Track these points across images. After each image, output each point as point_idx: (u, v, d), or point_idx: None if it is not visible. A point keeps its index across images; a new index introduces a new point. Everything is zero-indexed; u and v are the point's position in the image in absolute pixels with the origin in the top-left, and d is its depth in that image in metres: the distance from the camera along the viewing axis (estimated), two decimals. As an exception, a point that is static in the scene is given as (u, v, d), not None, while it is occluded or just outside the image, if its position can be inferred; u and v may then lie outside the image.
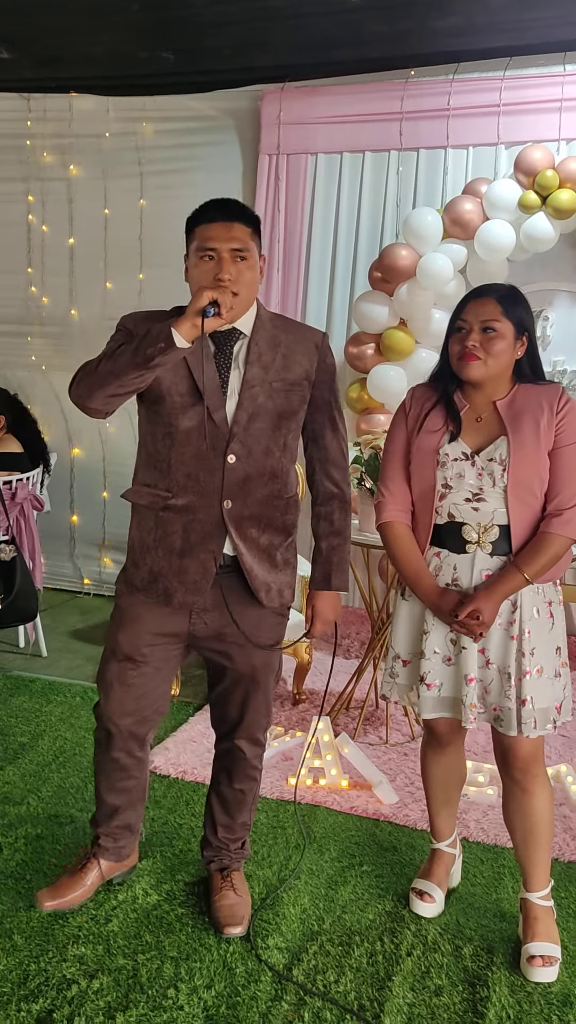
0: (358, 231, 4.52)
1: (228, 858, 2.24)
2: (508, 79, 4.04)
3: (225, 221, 1.87)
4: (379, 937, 2.14)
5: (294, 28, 3.77)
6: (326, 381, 2.03)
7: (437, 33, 3.75)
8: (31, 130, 5.01)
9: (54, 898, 2.16)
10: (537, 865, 2.08)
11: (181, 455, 1.93)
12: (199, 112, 4.72)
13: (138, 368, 1.78)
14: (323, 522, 2.09)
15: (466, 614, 1.91)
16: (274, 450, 1.96)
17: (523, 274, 4.23)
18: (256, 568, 1.98)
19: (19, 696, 3.55)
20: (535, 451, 1.91)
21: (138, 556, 2.03)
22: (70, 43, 4.05)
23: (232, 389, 1.93)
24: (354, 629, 4.54)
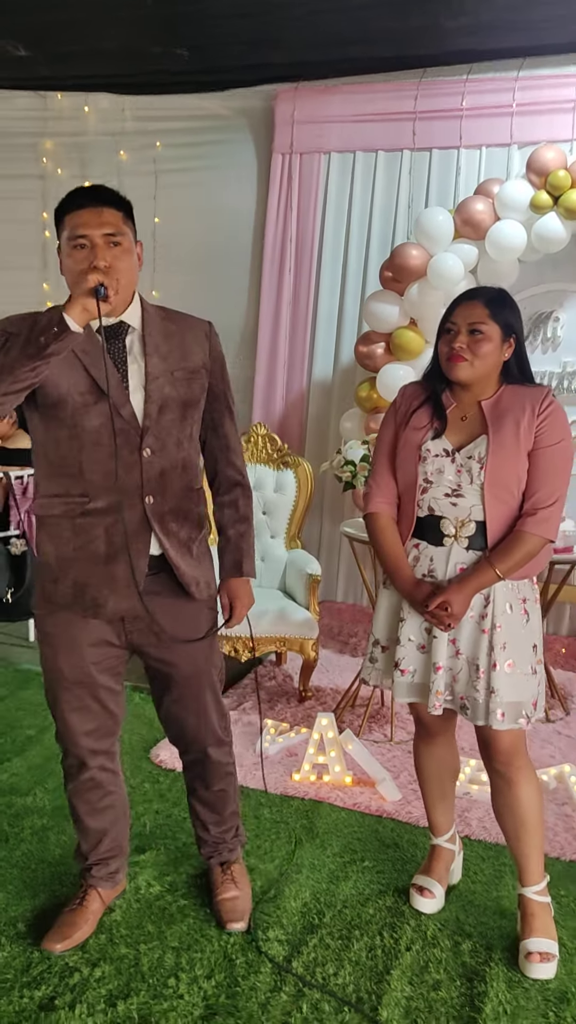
0: (370, 230, 4.54)
1: (226, 850, 2.23)
2: (521, 79, 4.05)
3: (95, 207, 1.79)
4: (379, 931, 2.16)
5: (307, 25, 3.80)
6: (219, 370, 2.01)
7: (449, 31, 3.77)
8: (47, 128, 5.05)
9: (63, 938, 2.04)
10: (530, 858, 2.09)
11: (92, 456, 1.84)
12: (212, 111, 4.74)
13: (32, 359, 1.68)
14: (228, 510, 2.07)
15: (436, 605, 1.97)
16: (183, 441, 1.93)
17: (534, 275, 4.24)
18: (181, 563, 1.94)
19: (27, 689, 3.58)
20: (514, 451, 1.95)
21: (57, 571, 1.91)
22: (84, 39, 4.08)
23: (135, 383, 1.87)
24: (361, 627, 4.55)
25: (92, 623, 1.93)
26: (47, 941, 2.04)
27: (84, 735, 2.02)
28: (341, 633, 4.50)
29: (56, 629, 1.95)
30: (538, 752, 3.20)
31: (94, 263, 1.76)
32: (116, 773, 2.13)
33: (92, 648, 1.95)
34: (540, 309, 4.32)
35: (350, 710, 3.49)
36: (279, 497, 3.93)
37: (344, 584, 4.95)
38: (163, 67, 4.34)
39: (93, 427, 1.84)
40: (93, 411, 1.84)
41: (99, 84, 4.80)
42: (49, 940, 2.04)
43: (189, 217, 4.81)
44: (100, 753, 2.06)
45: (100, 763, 2.07)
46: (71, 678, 1.97)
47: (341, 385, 4.71)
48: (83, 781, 2.07)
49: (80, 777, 2.07)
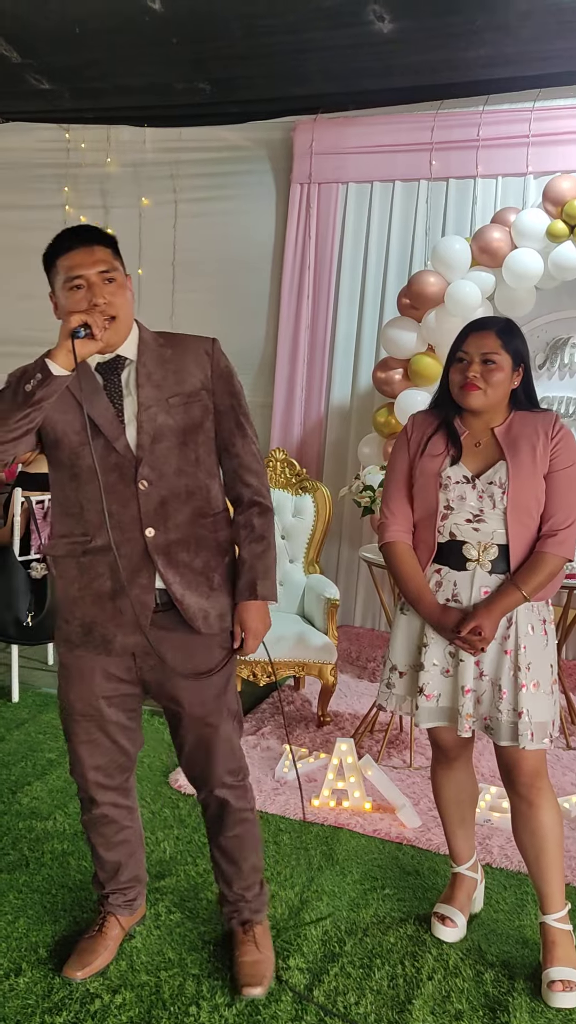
0: (387, 258, 4.59)
1: (248, 909, 2.11)
2: (537, 110, 4.11)
3: (86, 246, 1.81)
4: (400, 960, 2.15)
5: (328, 59, 3.87)
6: (224, 386, 1.94)
7: (467, 64, 3.82)
8: (69, 159, 5.16)
9: (82, 966, 2.03)
10: (551, 884, 2.08)
11: (90, 493, 1.84)
12: (233, 142, 4.84)
13: (21, 408, 1.70)
14: (243, 530, 1.97)
15: (468, 630, 1.99)
16: (186, 467, 1.88)
17: (550, 302, 4.27)
18: (188, 596, 1.89)
19: (47, 712, 3.60)
20: (532, 475, 2.00)
21: (67, 611, 1.93)
22: (110, 75, 4.18)
23: (128, 415, 1.86)
24: (379, 652, 4.55)
25: (104, 659, 1.93)
26: (67, 968, 2.03)
27: (93, 769, 2.01)
28: (360, 658, 4.49)
29: (70, 662, 1.97)
30: (559, 779, 3.18)
31: (93, 301, 1.78)
32: (131, 809, 2.12)
33: (103, 683, 1.95)
34: (557, 335, 4.35)
35: (369, 735, 3.48)
36: (298, 522, 3.96)
37: (362, 609, 4.95)
38: (185, 101, 4.44)
39: (88, 465, 1.84)
40: (88, 449, 1.83)
41: (121, 117, 4.90)
42: (69, 968, 2.03)
43: (209, 245, 4.89)
44: (110, 789, 2.05)
45: (111, 799, 2.06)
46: (80, 711, 1.97)
47: (359, 410, 4.75)
48: (96, 816, 2.07)
49: (92, 812, 2.07)
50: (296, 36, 3.66)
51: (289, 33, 3.64)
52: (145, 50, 3.86)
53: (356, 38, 3.63)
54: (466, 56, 3.75)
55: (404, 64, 3.85)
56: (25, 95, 4.44)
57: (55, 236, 1.86)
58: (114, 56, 3.94)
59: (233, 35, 3.66)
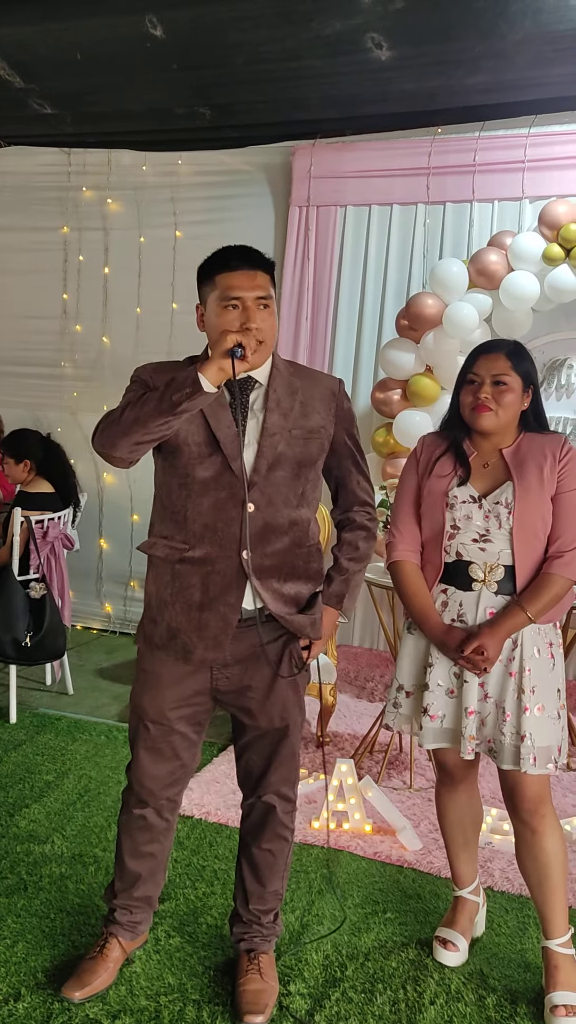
0: (385, 280, 4.63)
1: (259, 935, 2.10)
2: (532, 136, 4.16)
3: (249, 270, 1.85)
4: (402, 985, 2.13)
5: (327, 86, 3.92)
6: (346, 428, 2.02)
7: (465, 90, 3.87)
8: (71, 183, 5.20)
9: (81, 987, 2.02)
10: (554, 909, 2.07)
11: (198, 505, 1.89)
12: (232, 166, 4.88)
13: (164, 415, 1.75)
14: (347, 546, 2.05)
15: (471, 650, 1.99)
16: (292, 499, 1.92)
17: (547, 324, 4.31)
18: (286, 614, 1.94)
19: (45, 734, 3.59)
20: (539, 496, 2.02)
21: (156, 612, 1.98)
22: (112, 100, 4.23)
23: (250, 437, 1.90)
24: (378, 672, 4.54)
25: (182, 668, 1.96)
26: (66, 988, 2.02)
27: (151, 777, 2.04)
28: (359, 678, 4.48)
29: (149, 666, 2.00)
30: (559, 801, 3.17)
31: (247, 325, 1.81)
32: (169, 825, 2.12)
33: (177, 695, 1.98)
34: (555, 356, 4.38)
35: (368, 756, 3.47)
36: (297, 542, 3.96)
37: (361, 629, 4.94)
38: (185, 125, 4.49)
39: (203, 478, 1.88)
40: (206, 462, 1.88)
41: (122, 141, 4.95)
42: (68, 988, 2.02)
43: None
44: (161, 799, 2.06)
45: (158, 807, 2.07)
46: (151, 717, 2.00)
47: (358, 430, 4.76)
48: (136, 817, 2.08)
49: (134, 812, 2.08)
50: (296, 63, 3.71)
51: (289, 60, 3.69)
52: (146, 76, 3.90)
53: (355, 65, 3.68)
54: (464, 83, 3.80)
55: (402, 90, 3.90)
56: (27, 120, 4.48)
57: (218, 251, 1.90)
58: (115, 81, 3.98)
59: (234, 61, 3.71)
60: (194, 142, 4.78)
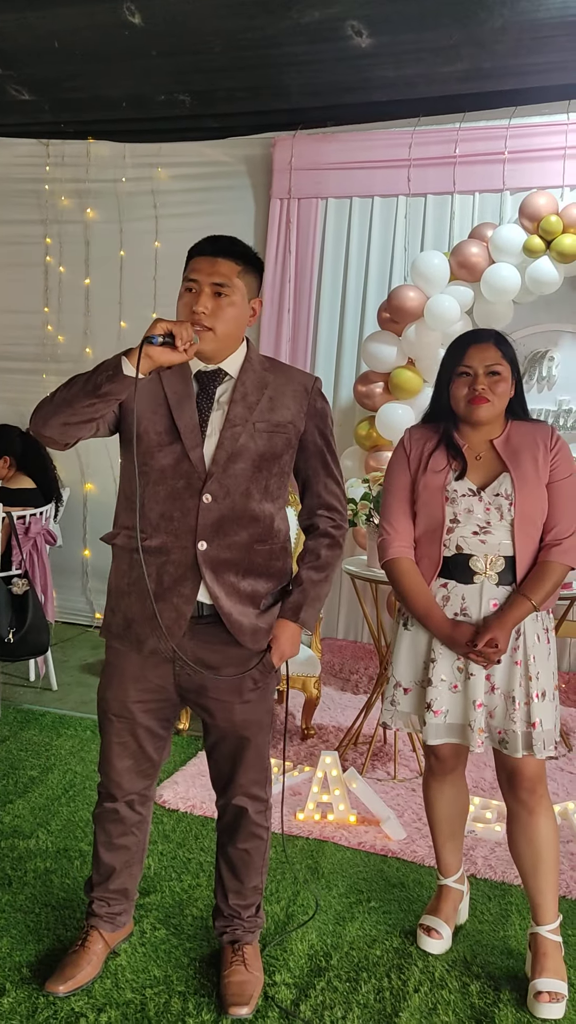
0: (367, 273, 4.63)
1: (241, 928, 2.10)
2: (513, 127, 4.16)
3: (211, 256, 1.85)
4: (386, 973, 2.14)
5: (307, 73, 3.92)
6: (317, 426, 1.97)
7: (444, 79, 3.88)
8: (49, 175, 5.16)
9: (64, 981, 2.01)
10: (546, 894, 2.09)
11: (155, 494, 1.88)
12: (213, 158, 4.86)
13: (89, 397, 1.74)
14: (309, 555, 2.00)
15: (485, 642, 1.99)
16: (254, 492, 1.89)
17: (528, 316, 4.32)
18: (235, 612, 1.90)
19: (29, 730, 3.57)
20: (536, 486, 2.04)
21: (114, 601, 1.98)
22: (90, 86, 4.20)
23: (213, 428, 1.88)
24: (362, 664, 4.56)
25: (143, 662, 1.95)
26: (50, 983, 2.02)
27: (117, 771, 2.04)
28: (343, 670, 4.50)
29: (112, 659, 2.01)
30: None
31: (194, 307, 1.82)
32: (142, 819, 2.11)
33: (137, 690, 1.97)
34: (536, 348, 4.39)
35: (353, 748, 3.48)
36: (280, 535, 3.96)
37: (345, 621, 4.95)
38: (165, 113, 4.46)
39: (161, 467, 1.88)
40: (165, 451, 1.87)
41: (101, 132, 4.92)
42: (52, 982, 2.02)
43: (189, 260, 4.90)
44: (130, 792, 2.06)
45: (128, 800, 2.06)
46: (115, 711, 2.00)
47: (341, 424, 4.76)
48: (108, 810, 2.08)
49: (105, 805, 2.08)
50: (276, 50, 3.70)
51: (269, 47, 3.68)
52: (124, 62, 3.89)
53: (335, 53, 3.68)
54: (443, 71, 3.81)
55: (382, 78, 3.90)
56: (5, 107, 4.45)
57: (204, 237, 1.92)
58: (93, 68, 3.96)
59: (212, 49, 3.70)
60: (174, 132, 4.76)
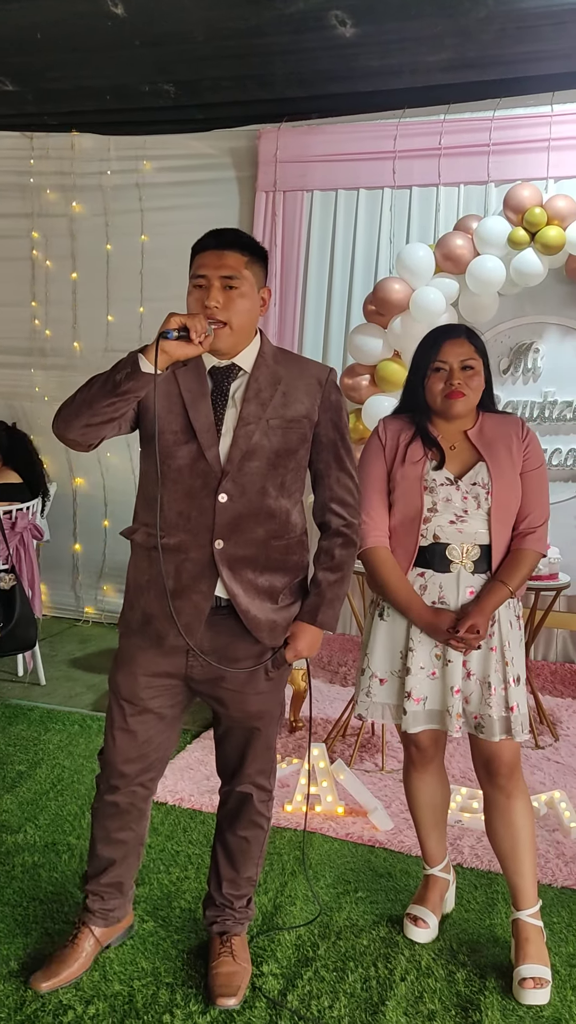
0: (353, 265, 4.63)
1: (231, 919, 2.11)
2: (497, 119, 4.17)
3: (217, 249, 1.85)
4: (373, 962, 2.16)
5: (292, 63, 3.90)
6: (331, 419, 1.96)
7: (428, 68, 3.88)
8: (34, 168, 5.13)
9: (48, 978, 2.01)
10: (525, 877, 2.11)
11: (172, 493, 1.88)
12: (198, 150, 4.84)
13: (108, 396, 1.75)
14: (323, 556, 1.99)
15: (466, 628, 2.03)
16: (270, 489, 1.90)
17: (513, 308, 4.33)
18: (253, 608, 1.90)
19: (17, 724, 3.57)
20: (511, 475, 2.09)
21: (133, 597, 1.99)
22: (74, 76, 4.17)
23: (227, 427, 1.88)
24: (351, 657, 4.57)
25: (155, 652, 1.96)
26: (33, 979, 2.01)
27: (124, 759, 2.02)
28: (331, 663, 4.51)
29: (125, 648, 2.01)
30: (528, 779, 3.21)
31: (205, 303, 1.82)
32: (142, 813, 2.10)
33: (148, 677, 1.97)
34: (520, 341, 4.41)
35: (341, 740, 3.49)
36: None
37: (333, 614, 4.96)
38: (149, 104, 4.44)
39: (178, 466, 1.88)
40: (182, 450, 1.88)
41: (86, 124, 4.89)
42: (35, 979, 2.01)
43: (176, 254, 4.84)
44: (134, 783, 2.04)
45: (130, 791, 2.05)
46: (123, 694, 1.99)
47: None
48: (108, 804, 2.06)
49: (105, 799, 2.06)
50: (260, 40, 3.69)
51: (252, 37, 3.66)
52: (108, 52, 3.86)
53: (319, 42, 3.67)
54: (427, 60, 3.80)
55: (366, 67, 3.89)
56: (-12, 100, 4.42)
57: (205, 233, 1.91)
58: (77, 58, 3.94)
59: (196, 38, 3.68)
60: (159, 124, 4.74)
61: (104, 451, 4.83)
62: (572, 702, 4.08)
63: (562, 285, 4.25)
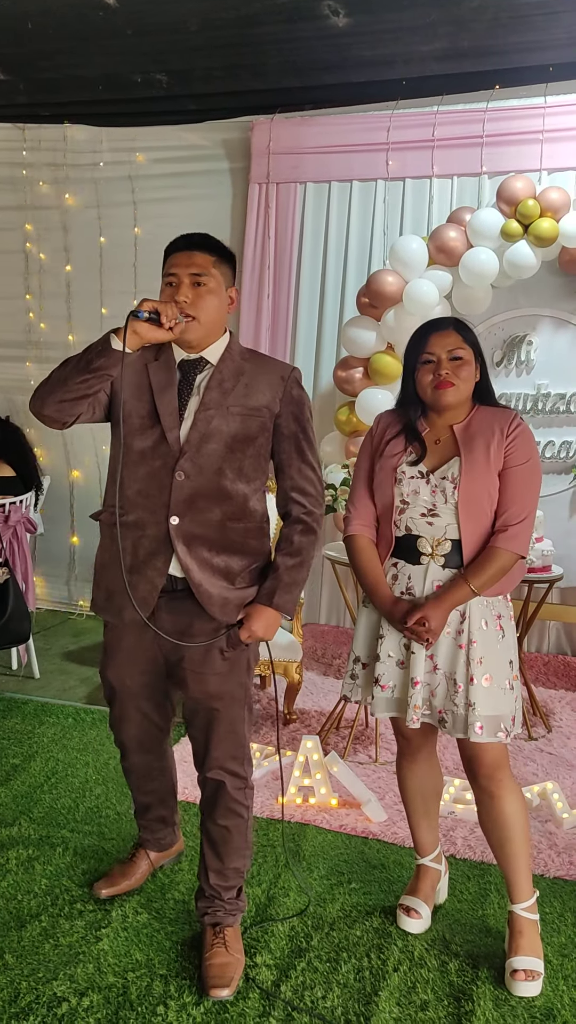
0: (346, 258, 4.61)
1: (222, 910, 2.13)
2: (491, 111, 4.15)
3: (187, 250, 1.99)
4: (366, 953, 2.17)
5: (284, 52, 3.89)
6: (292, 412, 2.05)
7: (421, 58, 3.87)
8: (26, 160, 5.10)
9: (108, 885, 2.33)
10: (518, 873, 2.12)
11: (135, 474, 2.01)
12: (190, 142, 4.82)
13: (81, 372, 1.88)
14: (283, 542, 2.08)
15: (414, 621, 2.03)
16: (227, 472, 2.00)
17: (507, 300, 4.33)
18: (205, 583, 1.98)
19: (11, 718, 3.57)
20: (485, 470, 2.05)
21: (98, 575, 2.12)
22: (65, 65, 4.15)
23: (189, 412, 2.00)
24: (345, 649, 4.58)
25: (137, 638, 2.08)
26: (95, 887, 2.34)
27: (128, 737, 2.24)
28: (325, 655, 4.52)
29: (107, 637, 2.17)
30: (521, 770, 3.23)
31: (175, 297, 1.95)
32: (163, 768, 2.32)
33: (130, 664, 2.13)
34: (514, 333, 4.40)
35: (335, 732, 3.50)
36: (261, 521, 3.96)
37: (327, 606, 4.97)
38: (142, 94, 4.42)
39: (141, 448, 2.00)
40: (146, 433, 2.00)
41: (78, 115, 4.86)
42: (97, 886, 2.34)
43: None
44: (144, 753, 2.27)
45: (144, 760, 2.28)
46: (114, 686, 2.17)
47: (321, 409, 4.77)
48: (128, 767, 2.32)
49: (125, 764, 2.32)
50: (252, 30, 3.68)
51: (245, 27, 3.65)
52: (100, 42, 3.84)
53: (311, 32, 3.66)
54: (420, 50, 3.79)
55: (360, 57, 3.88)
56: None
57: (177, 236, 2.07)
58: (69, 48, 3.92)
59: (188, 28, 3.66)
60: (151, 115, 4.71)
61: (100, 443, 4.83)
62: (565, 694, 4.09)
63: (555, 277, 4.24)
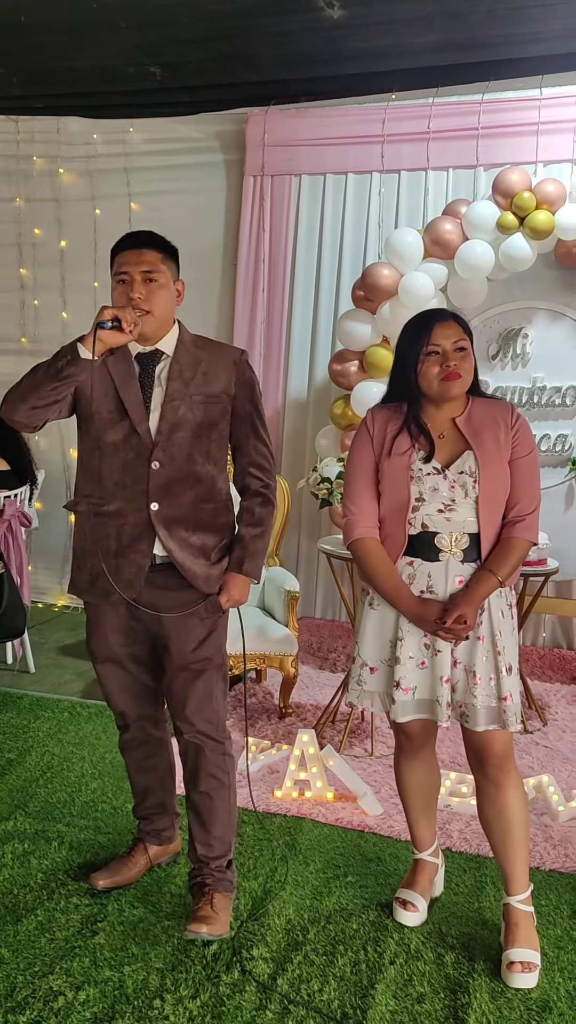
0: (341, 251, 4.60)
1: (211, 876, 2.21)
2: (486, 103, 4.14)
3: (135, 248, 2.09)
4: (363, 946, 2.17)
5: (278, 44, 3.86)
6: (246, 394, 2.18)
7: (417, 50, 3.84)
8: (20, 151, 5.07)
9: (108, 878, 2.35)
10: (516, 865, 2.12)
11: (110, 465, 2.11)
12: (185, 134, 4.80)
13: (51, 380, 1.99)
14: (245, 513, 2.21)
15: (454, 619, 2.01)
16: (196, 457, 2.12)
17: (502, 293, 4.32)
18: (189, 562, 2.12)
19: (6, 712, 3.57)
20: (499, 463, 2.07)
21: (80, 560, 2.21)
22: (59, 58, 4.12)
23: (155, 403, 2.11)
24: (340, 643, 4.58)
25: (112, 610, 2.19)
26: (92, 878, 2.35)
27: (122, 701, 2.30)
28: (320, 649, 4.52)
29: (89, 613, 2.27)
30: (517, 763, 3.23)
31: (130, 295, 2.05)
32: (161, 740, 2.37)
33: (116, 633, 2.22)
34: (510, 326, 4.40)
35: (330, 726, 3.50)
36: (256, 515, 3.96)
37: (323, 600, 4.97)
38: (135, 87, 4.39)
39: (113, 441, 2.11)
40: (116, 427, 2.11)
41: (71, 107, 4.83)
42: (94, 877, 2.35)
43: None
44: (141, 716, 2.31)
45: (141, 724, 2.33)
46: (101, 656, 2.26)
47: (316, 403, 4.76)
48: (127, 740, 2.36)
49: (124, 736, 2.36)
50: (246, 22, 3.65)
51: (239, 19, 3.62)
52: (93, 34, 3.81)
53: (306, 23, 3.63)
54: (415, 42, 3.76)
55: (354, 49, 3.86)
56: (-29, 83, 4.36)
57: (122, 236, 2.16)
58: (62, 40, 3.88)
59: (181, 21, 3.64)
60: (145, 108, 4.68)
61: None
62: (560, 687, 4.10)
63: (551, 270, 4.24)
